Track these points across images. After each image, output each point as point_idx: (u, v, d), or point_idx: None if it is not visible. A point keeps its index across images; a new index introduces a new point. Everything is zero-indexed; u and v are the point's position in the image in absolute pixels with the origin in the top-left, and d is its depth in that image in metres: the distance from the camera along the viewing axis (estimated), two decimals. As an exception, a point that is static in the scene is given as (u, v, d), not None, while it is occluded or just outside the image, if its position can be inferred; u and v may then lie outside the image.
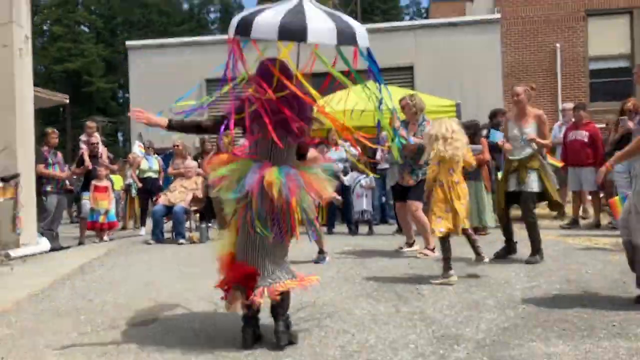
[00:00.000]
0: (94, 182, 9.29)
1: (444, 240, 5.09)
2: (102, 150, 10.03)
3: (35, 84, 8.74)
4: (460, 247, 5.56)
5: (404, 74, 16.10)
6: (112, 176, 10.55)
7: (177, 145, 9.81)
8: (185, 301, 4.69)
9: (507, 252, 6.07)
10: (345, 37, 3.31)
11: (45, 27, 43.23)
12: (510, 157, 5.89)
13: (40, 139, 8.85)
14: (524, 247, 5.97)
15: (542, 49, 16.68)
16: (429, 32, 16.74)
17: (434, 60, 16.09)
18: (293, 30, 3.20)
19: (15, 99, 7.82)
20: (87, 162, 9.28)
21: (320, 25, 3.25)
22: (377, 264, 6.10)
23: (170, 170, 10.03)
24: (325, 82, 3.69)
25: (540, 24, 16.73)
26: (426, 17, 37.59)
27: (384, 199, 9.93)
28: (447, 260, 5.05)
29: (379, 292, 4.73)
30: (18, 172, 7.31)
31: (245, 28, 3.28)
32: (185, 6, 53.73)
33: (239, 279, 3.37)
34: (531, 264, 5.63)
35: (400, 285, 4.98)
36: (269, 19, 3.22)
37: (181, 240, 8.55)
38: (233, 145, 4.70)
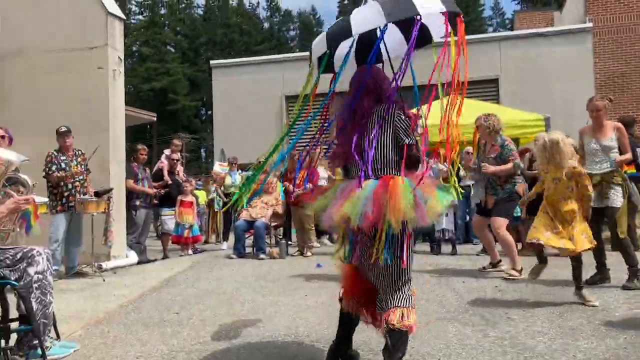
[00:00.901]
0: (179, 197, 9.63)
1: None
2: (180, 167, 10.32)
3: (125, 103, 9.17)
4: (549, 268, 5.26)
5: (488, 88, 15.68)
6: (196, 191, 10.87)
7: (260, 161, 9.95)
8: (267, 316, 4.70)
9: (600, 279, 5.64)
10: (401, 7, 2.90)
11: (134, 48, 45.68)
12: (591, 172, 5.52)
13: (130, 155, 9.26)
14: (619, 271, 5.57)
15: (637, 58, 15.77)
16: (514, 43, 16.23)
17: (520, 73, 15.58)
18: (337, 32, 3.07)
19: (109, 118, 8.25)
20: (166, 177, 9.59)
21: (364, 11, 2.99)
22: (462, 285, 5.88)
23: (254, 185, 10.17)
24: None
25: (635, 32, 15.83)
26: (510, 28, 36.61)
27: (467, 217, 9.61)
28: (578, 279, 4.80)
29: (466, 315, 4.54)
30: (111, 187, 7.67)
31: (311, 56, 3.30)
32: (266, 25, 55.21)
33: (357, 293, 3.19)
34: (630, 290, 5.23)
35: (488, 308, 4.76)
36: (321, 36, 3.18)
37: (262, 256, 8.65)
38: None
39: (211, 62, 19.48)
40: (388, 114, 3.07)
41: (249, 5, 56.51)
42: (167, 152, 10.50)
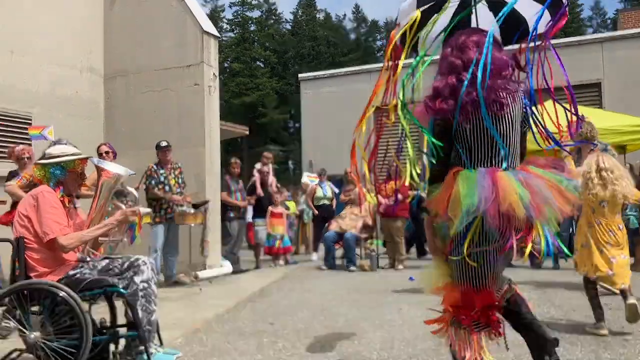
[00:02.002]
0: (270, 208, 9.81)
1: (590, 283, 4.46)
2: (272, 179, 10.51)
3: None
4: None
5: (590, 92, 14.86)
6: (287, 202, 11.03)
7: (349, 172, 9.97)
8: (361, 330, 4.64)
9: None
10: None
11: (225, 65, 47.38)
12: None
13: (223, 168, 9.55)
14: None
15: None
16: (618, 44, 15.29)
17: (626, 76, 14.63)
18: None
19: (204, 132, 8.56)
20: (259, 189, 9.79)
21: None
22: (567, 302, 5.55)
23: (341, 197, 10.23)
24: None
25: None
26: (613, 29, 34.60)
27: (571, 229, 9.07)
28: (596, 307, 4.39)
29: (574, 335, 4.25)
30: (207, 199, 7.93)
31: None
32: (352, 36, 55.58)
33: (482, 312, 2.71)
34: None
35: (598, 327, 4.44)
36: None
37: (352, 268, 8.61)
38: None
39: (299, 75, 19.82)
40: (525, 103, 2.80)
41: (336, 17, 57.18)
42: (258, 166, 10.77)
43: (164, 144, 7.49)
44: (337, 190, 11.02)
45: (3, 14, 7.67)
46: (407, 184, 3.75)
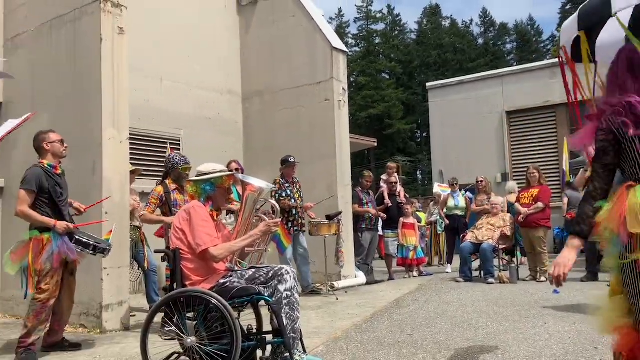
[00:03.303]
0: (402, 219, 9.76)
1: None
2: (400, 189, 10.44)
3: (347, 130, 9.66)
4: None
5: None
6: (417, 213, 10.92)
7: (481, 181, 9.66)
8: (504, 344, 4.45)
9: None
10: None
11: (351, 79, 48.14)
12: None
13: (353, 180, 9.67)
14: None
15: None
16: None
17: None
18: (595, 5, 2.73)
19: (335, 145, 8.77)
20: (387, 200, 9.76)
21: None
22: None
23: (474, 207, 9.93)
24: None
25: None
26: None
27: None
28: None
29: None
30: (340, 210, 8.09)
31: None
32: (480, 41, 54.01)
33: None
34: None
35: None
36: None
37: (490, 280, 8.29)
38: None
39: (427, 84, 19.58)
40: None
41: (462, 23, 55.91)
42: (384, 177, 10.79)
43: (292, 159, 7.74)
44: (471, 199, 10.69)
45: (152, 45, 8.45)
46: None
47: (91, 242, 4.68)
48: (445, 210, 10.75)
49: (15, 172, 6.17)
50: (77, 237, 4.59)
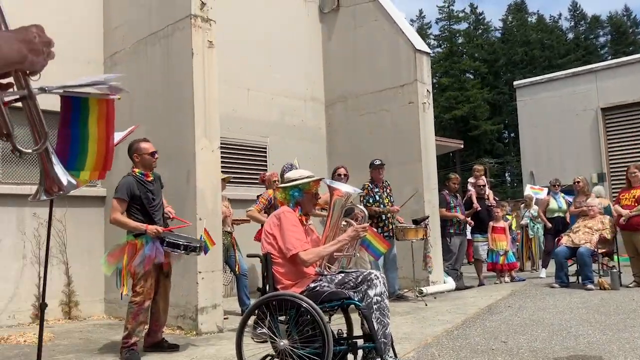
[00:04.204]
0: (491, 223, 9.46)
1: None
2: (489, 192, 10.09)
3: (432, 133, 9.49)
4: None
5: None
6: (507, 216, 10.52)
7: (578, 182, 9.19)
8: (609, 354, 4.20)
9: None
10: None
11: (434, 80, 47.42)
12: None
13: (440, 184, 9.47)
14: None
15: None
16: None
17: None
18: None
19: (420, 148, 8.64)
20: (476, 203, 9.46)
21: None
22: None
23: (571, 208, 9.45)
24: None
25: None
26: None
27: None
28: None
29: None
30: (427, 214, 7.96)
31: None
32: (570, 36, 51.60)
33: None
34: None
35: None
36: None
37: (589, 285, 7.85)
38: None
39: (514, 82, 18.91)
40: None
41: (550, 18, 53.62)
42: (471, 180, 10.49)
43: (377, 162, 7.68)
44: (570, 201, 10.13)
45: (238, 57, 8.71)
46: None
47: (181, 242, 4.85)
48: (546, 212, 10.20)
49: (115, 182, 6.55)
50: (167, 240, 4.79)
